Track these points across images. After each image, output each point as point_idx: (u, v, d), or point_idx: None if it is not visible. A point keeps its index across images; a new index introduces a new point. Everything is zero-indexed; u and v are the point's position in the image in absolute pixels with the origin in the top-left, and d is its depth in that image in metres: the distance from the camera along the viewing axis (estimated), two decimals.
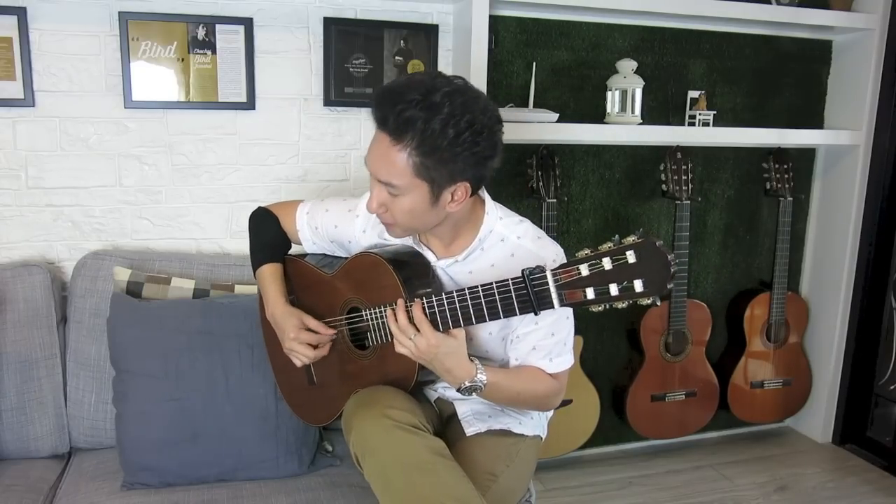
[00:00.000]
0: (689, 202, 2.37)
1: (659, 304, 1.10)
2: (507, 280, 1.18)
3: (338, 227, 1.53)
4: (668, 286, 1.06)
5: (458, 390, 1.31)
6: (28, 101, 1.89)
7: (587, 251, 1.10)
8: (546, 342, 1.38)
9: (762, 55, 2.57)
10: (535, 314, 1.17)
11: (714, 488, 2.46)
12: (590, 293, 1.09)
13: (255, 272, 1.60)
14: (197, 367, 1.67)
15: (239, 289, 1.88)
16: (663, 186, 2.40)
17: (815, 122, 2.70)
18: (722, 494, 2.42)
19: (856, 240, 2.65)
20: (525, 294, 1.15)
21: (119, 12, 1.91)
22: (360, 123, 2.17)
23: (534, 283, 1.14)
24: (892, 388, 2.66)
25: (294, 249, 1.65)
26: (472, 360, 1.30)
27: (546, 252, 1.36)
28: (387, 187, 1.26)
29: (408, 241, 1.43)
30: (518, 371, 1.39)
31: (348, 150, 2.17)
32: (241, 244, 2.12)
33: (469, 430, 1.42)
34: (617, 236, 1.10)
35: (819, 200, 2.77)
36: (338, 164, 2.17)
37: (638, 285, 1.06)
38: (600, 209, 2.49)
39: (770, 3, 2.42)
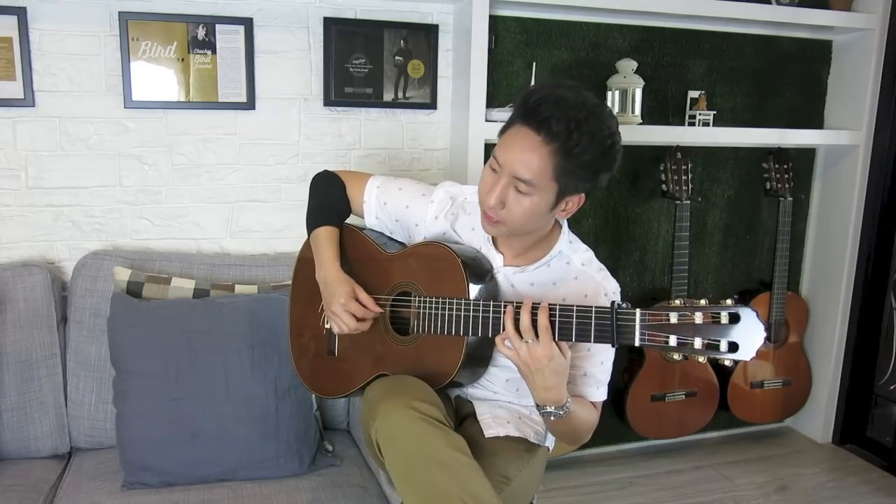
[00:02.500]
0: (689, 202, 2.37)
1: (735, 366, 1.12)
2: (591, 307, 1.19)
3: (409, 207, 1.53)
4: (755, 354, 1.08)
5: (540, 410, 1.30)
6: (28, 101, 1.89)
7: (680, 301, 1.13)
8: (596, 370, 1.42)
9: (762, 55, 2.57)
10: (613, 346, 1.19)
11: (714, 488, 2.46)
12: (672, 340, 1.11)
13: (309, 231, 1.58)
14: (197, 367, 1.67)
15: (239, 289, 1.88)
16: (663, 186, 2.40)
17: (815, 122, 2.70)
18: (722, 494, 2.42)
19: (856, 240, 2.65)
20: (608, 325, 1.17)
21: (119, 12, 1.91)
22: (359, 123, 2.17)
23: (620, 316, 1.16)
24: (892, 388, 2.66)
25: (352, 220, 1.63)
26: None
27: (609, 284, 1.41)
28: (518, 184, 1.27)
29: (480, 242, 1.44)
30: (581, 401, 1.40)
31: (348, 150, 2.17)
32: (241, 244, 2.12)
33: (488, 433, 1.41)
34: (712, 295, 1.12)
35: (819, 200, 2.77)
36: (338, 164, 2.17)
37: (723, 345, 1.08)
38: (600, 209, 2.49)
39: (770, 3, 2.42)
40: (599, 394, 1.44)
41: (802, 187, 2.73)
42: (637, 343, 1.14)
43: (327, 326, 1.49)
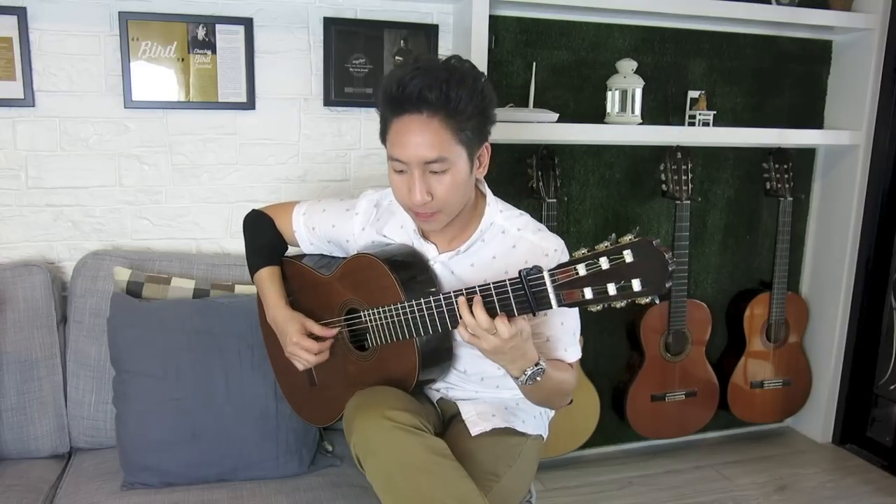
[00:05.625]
0: (689, 202, 2.37)
1: (658, 302, 1.09)
2: (505, 280, 1.16)
3: (335, 226, 1.54)
4: (667, 285, 1.04)
5: (519, 380, 1.26)
6: (28, 101, 1.89)
7: (584, 251, 1.09)
8: (558, 332, 1.40)
9: (762, 55, 2.57)
10: (534, 315, 1.16)
11: (714, 488, 2.46)
12: (588, 293, 1.08)
13: (252, 276, 1.60)
14: (197, 367, 1.67)
15: (239, 289, 1.88)
16: (663, 186, 2.40)
17: (815, 122, 2.70)
18: (722, 494, 2.42)
19: (856, 240, 2.65)
20: (523, 295, 1.14)
21: (119, 12, 1.91)
22: (360, 123, 2.17)
23: (531, 283, 1.13)
24: (892, 388, 2.67)
25: (291, 251, 1.65)
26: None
27: (548, 243, 1.37)
28: (431, 166, 1.26)
29: (411, 238, 1.43)
30: (552, 361, 1.37)
31: (348, 150, 2.17)
32: (240, 244, 2.08)
33: (474, 430, 1.41)
34: (614, 235, 1.09)
35: (819, 200, 2.77)
36: (338, 164, 2.17)
37: (636, 284, 1.04)
38: (600, 209, 2.49)
39: (770, 3, 2.42)
40: (569, 355, 1.42)
41: (802, 187, 2.73)
42: (555, 305, 1.11)
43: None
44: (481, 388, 1.49)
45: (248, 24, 2.00)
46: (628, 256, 1.05)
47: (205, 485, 1.63)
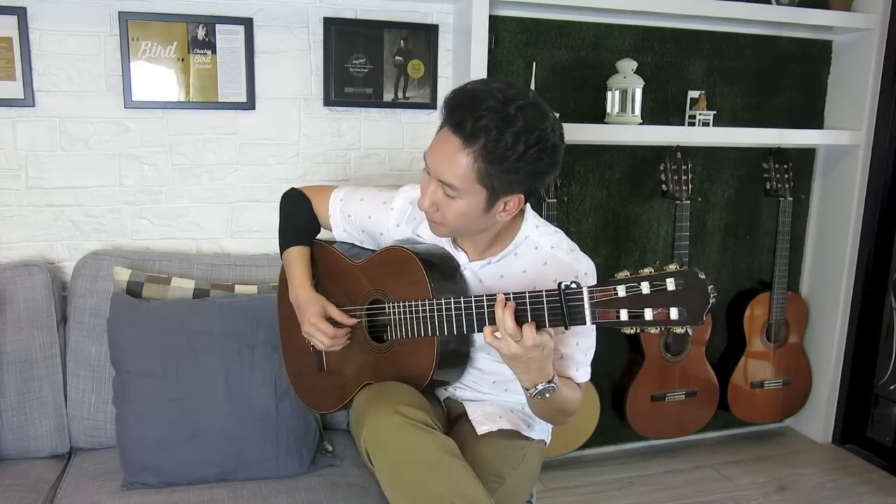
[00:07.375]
0: (689, 202, 2.37)
1: (691, 333, 1.09)
2: (542, 291, 1.16)
3: (371, 217, 1.53)
4: (704, 318, 1.05)
5: (531, 393, 1.26)
6: (28, 101, 1.89)
7: (626, 273, 1.09)
8: (572, 350, 1.40)
9: (762, 55, 2.57)
10: (566, 328, 1.16)
11: (714, 488, 2.46)
12: (623, 315, 1.08)
13: (281, 252, 1.60)
14: (197, 367, 1.67)
15: (239, 289, 1.88)
16: (663, 186, 2.40)
17: (815, 122, 2.70)
18: (722, 494, 2.42)
19: (856, 240, 2.65)
20: (558, 307, 1.14)
21: (119, 12, 1.91)
22: (359, 123, 2.17)
23: (569, 297, 1.13)
24: (892, 388, 2.66)
25: (322, 235, 1.64)
26: None
27: (579, 265, 1.38)
28: (445, 187, 1.26)
29: (441, 242, 1.43)
30: (563, 380, 1.37)
31: (348, 150, 2.17)
32: (240, 244, 2.12)
33: (480, 430, 1.41)
34: (658, 262, 1.09)
35: (819, 200, 2.77)
36: (338, 164, 2.17)
37: (674, 313, 1.05)
38: (600, 209, 2.49)
39: (770, 3, 2.42)
40: (580, 375, 1.42)
41: (802, 187, 2.73)
42: (589, 322, 1.11)
43: (312, 344, 1.51)
44: (491, 390, 1.50)
45: (248, 24, 2.00)
46: (671, 285, 1.05)
47: (205, 485, 1.63)
